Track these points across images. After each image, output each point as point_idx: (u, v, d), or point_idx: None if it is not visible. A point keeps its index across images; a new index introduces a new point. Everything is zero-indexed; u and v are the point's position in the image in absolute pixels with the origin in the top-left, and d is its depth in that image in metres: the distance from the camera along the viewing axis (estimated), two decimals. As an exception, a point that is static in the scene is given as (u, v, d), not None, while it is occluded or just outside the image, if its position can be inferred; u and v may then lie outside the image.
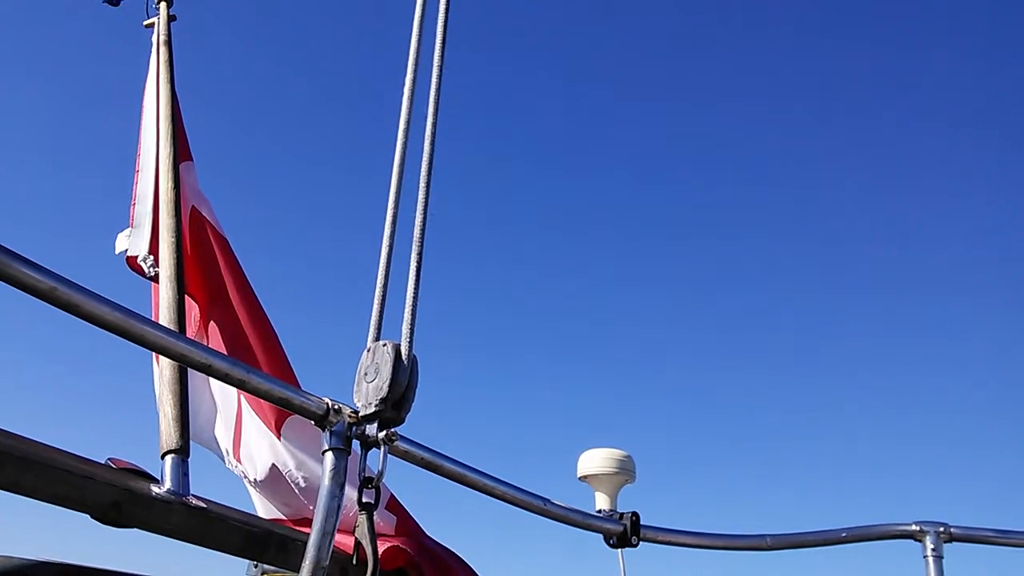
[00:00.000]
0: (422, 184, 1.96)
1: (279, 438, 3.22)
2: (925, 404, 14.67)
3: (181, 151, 3.68)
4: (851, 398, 14.91)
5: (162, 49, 3.95)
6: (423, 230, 1.92)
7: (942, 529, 2.69)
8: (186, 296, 3.31)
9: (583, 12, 14.53)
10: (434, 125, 2.02)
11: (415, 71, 2.09)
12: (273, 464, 3.22)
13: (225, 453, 3.45)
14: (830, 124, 14.87)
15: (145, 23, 4.16)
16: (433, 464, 1.97)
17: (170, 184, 3.42)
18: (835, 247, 15.17)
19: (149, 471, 2.44)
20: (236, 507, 2.60)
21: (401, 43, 2.12)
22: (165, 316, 3.00)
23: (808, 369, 15.41)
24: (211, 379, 3.32)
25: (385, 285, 1.93)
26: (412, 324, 1.85)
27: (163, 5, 4.10)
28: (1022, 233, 14.09)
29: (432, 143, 2.01)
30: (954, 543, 2.70)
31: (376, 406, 1.77)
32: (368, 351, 1.85)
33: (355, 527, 1.85)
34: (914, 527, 2.72)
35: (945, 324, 14.77)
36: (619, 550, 2.60)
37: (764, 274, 15.53)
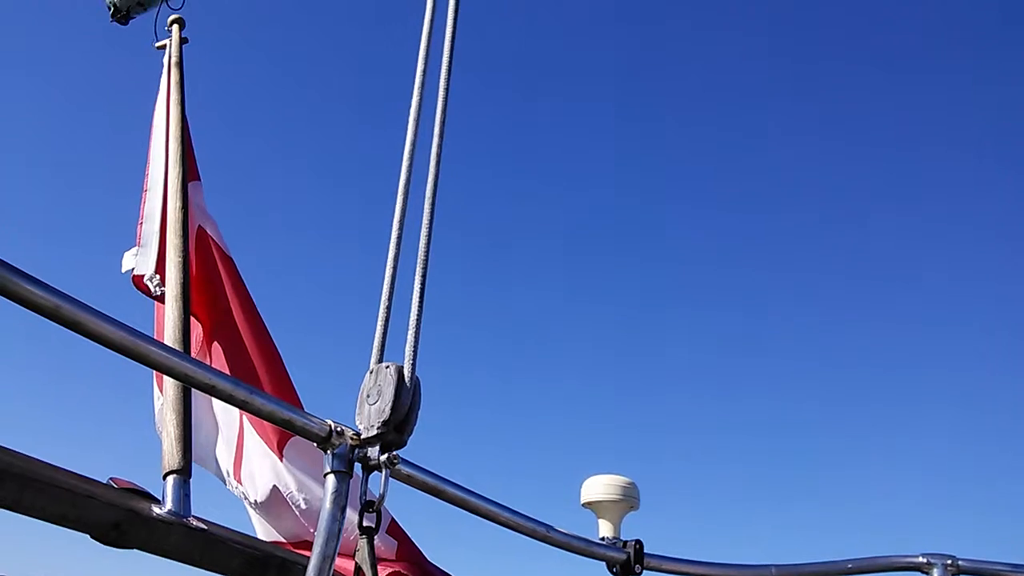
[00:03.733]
0: (427, 207, 1.97)
1: (281, 459, 3.21)
2: (933, 435, 14.57)
3: (189, 171, 3.70)
4: (859, 428, 14.83)
5: (173, 71, 3.98)
6: (427, 253, 1.92)
7: (949, 562, 2.66)
8: (191, 316, 3.31)
9: (582, 28, 14.63)
10: (439, 148, 2.03)
11: (420, 95, 2.11)
12: (274, 485, 3.21)
13: (226, 474, 3.43)
14: (832, 144, 14.90)
15: (156, 45, 4.20)
16: (435, 489, 1.96)
17: (178, 204, 3.44)
18: (843, 275, 15.14)
19: (151, 491, 2.43)
20: (238, 529, 2.59)
21: (410, 68, 2.14)
22: (170, 336, 3.00)
23: (814, 397, 15.33)
24: (213, 399, 3.31)
25: (389, 307, 1.92)
26: (415, 346, 1.84)
27: (175, 27, 4.14)
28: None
29: (437, 166, 2.02)
30: (961, 576, 2.66)
31: (378, 429, 1.76)
32: (371, 373, 1.85)
33: (356, 551, 1.83)
34: (921, 559, 2.69)
35: (952, 353, 14.70)
36: (622, 579, 2.58)
37: (772, 299, 15.50)
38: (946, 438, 14.27)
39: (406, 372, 1.81)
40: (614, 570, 2.53)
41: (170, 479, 2.53)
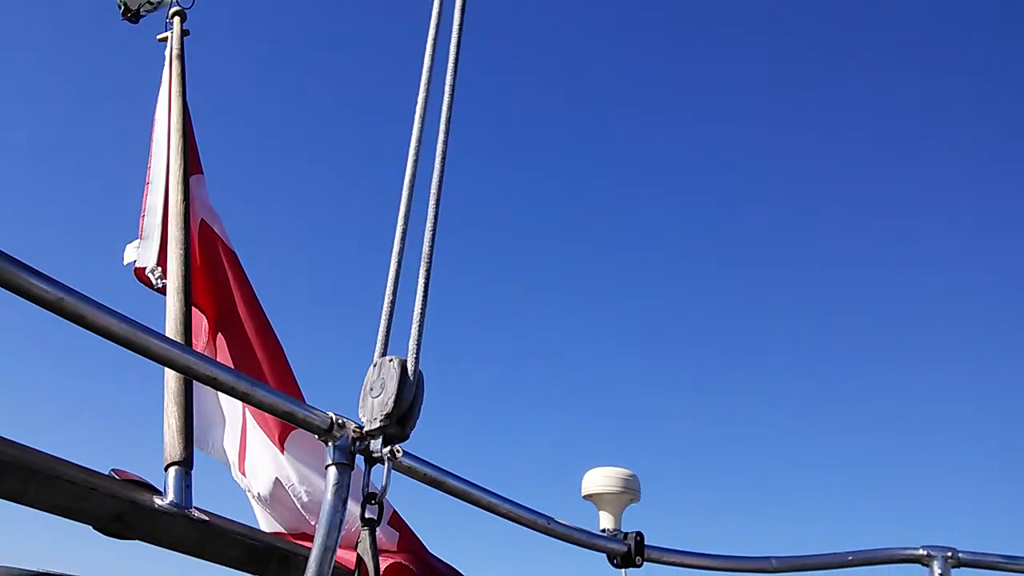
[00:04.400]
0: (432, 200, 1.97)
1: (282, 452, 3.22)
2: (934, 429, 14.58)
3: (192, 164, 3.70)
4: (859, 421, 14.83)
5: (175, 63, 3.97)
6: (432, 246, 1.92)
7: (950, 554, 2.66)
8: (194, 308, 3.32)
9: (588, 23, 14.60)
10: (445, 143, 2.03)
11: (427, 89, 2.10)
12: (276, 478, 3.22)
13: (232, 466, 3.45)
14: (836, 143, 14.87)
15: (159, 37, 4.19)
16: (437, 481, 1.96)
17: (180, 197, 3.44)
18: (842, 269, 15.14)
19: (153, 483, 2.44)
20: (239, 520, 2.60)
21: (415, 62, 2.14)
22: (172, 328, 3.01)
23: (816, 391, 15.34)
24: (219, 392, 3.32)
25: (393, 300, 1.92)
26: (419, 340, 1.84)
27: (177, 20, 4.13)
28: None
29: (443, 160, 2.01)
30: (961, 568, 2.67)
31: (381, 422, 1.76)
32: (374, 366, 1.85)
33: (357, 543, 1.84)
34: (921, 551, 2.69)
35: (951, 346, 14.70)
36: (623, 570, 2.58)
37: (771, 295, 15.51)
38: (947, 433, 14.28)
39: (409, 365, 1.81)
40: (615, 562, 2.53)
41: (172, 471, 2.54)
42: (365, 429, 1.79)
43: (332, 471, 1.77)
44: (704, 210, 15.52)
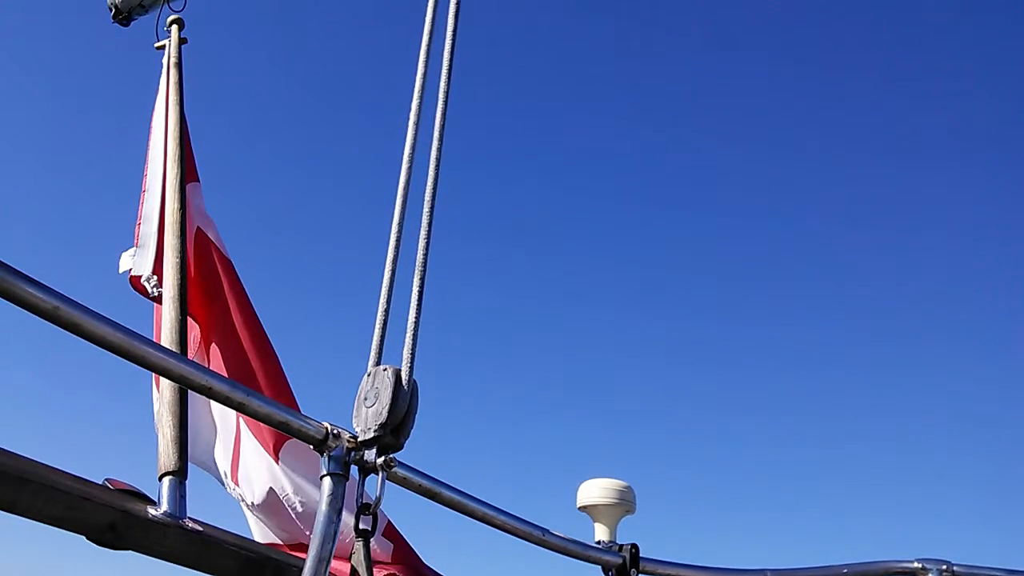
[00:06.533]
0: (426, 210, 1.97)
1: (277, 462, 3.20)
2: (928, 442, 14.59)
3: (188, 172, 3.69)
4: (853, 434, 14.83)
5: (172, 71, 3.97)
6: (425, 256, 1.92)
7: (944, 567, 2.67)
8: (188, 317, 3.31)
9: (582, 29, 14.66)
10: (439, 150, 2.03)
11: (420, 96, 2.11)
12: (271, 488, 3.20)
13: (224, 476, 3.42)
14: (834, 151, 14.92)
15: (156, 45, 4.19)
16: (431, 492, 1.96)
17: (176, 205, 3.43)
18: (837, 285, 15.17)
19: (147, 493, 2.42)
20: (233, 531, 2.59)
21: (411, 71, 2.15)
22: (167, 337, 2.99)
23: (811, 405, 15.35)
24: (211, 401, 3.31)
25: (387, 310, 1.92)
26: (413, 349, 1.84)
27: (174, 28, 4.14)
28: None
29: (436, 168, 2.02)
30: (956, 582, 2.67)
31: (375, 431, 1.76)
32: (368, 376, 1.85)
33: (351, 554, 1.83)
34: (916, 564, 2.69)
35: (950, 358, 14.72)
36: (618, 582, 2.57)
37: (769, 308, 15.52)
38: (943, 445, 14.29)
39: (404, 375, 1.81)
40: (610, 574, 2.53)
41: (166, 480, 2.52)
42: (359, 439, 1.78)
43: (327, 482, 1.77)
44: (704, 222, 15.56)
